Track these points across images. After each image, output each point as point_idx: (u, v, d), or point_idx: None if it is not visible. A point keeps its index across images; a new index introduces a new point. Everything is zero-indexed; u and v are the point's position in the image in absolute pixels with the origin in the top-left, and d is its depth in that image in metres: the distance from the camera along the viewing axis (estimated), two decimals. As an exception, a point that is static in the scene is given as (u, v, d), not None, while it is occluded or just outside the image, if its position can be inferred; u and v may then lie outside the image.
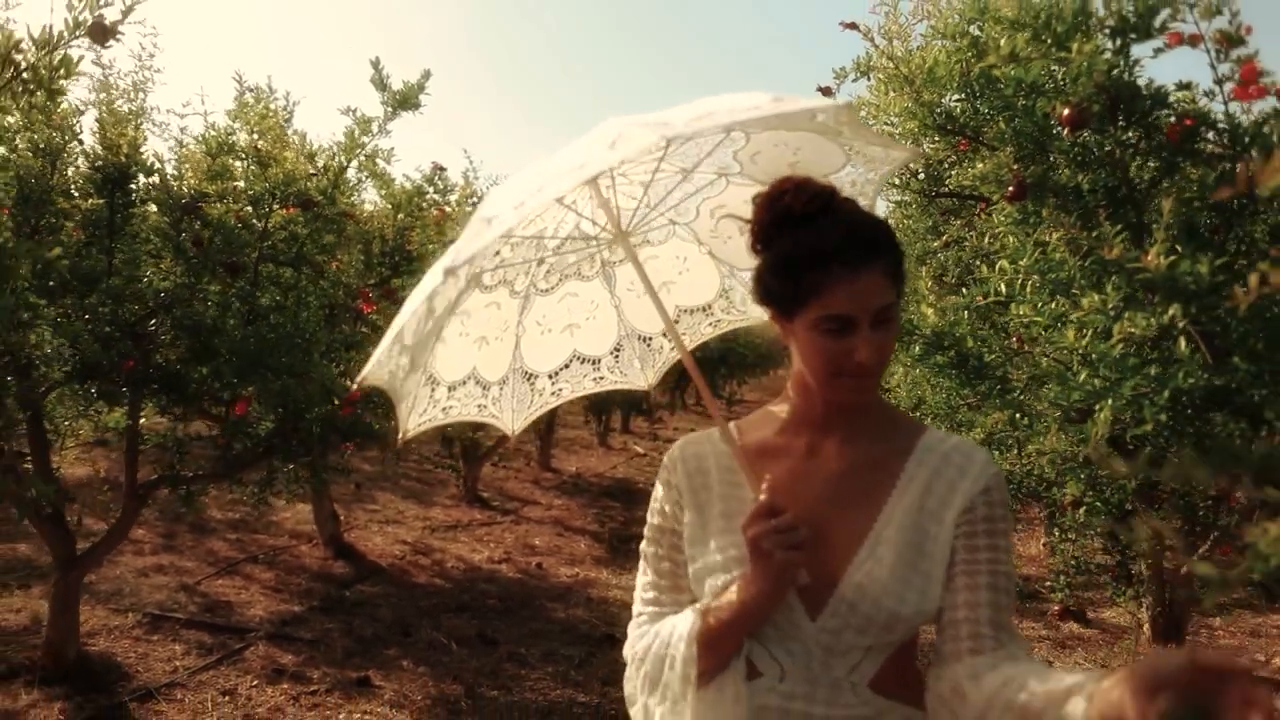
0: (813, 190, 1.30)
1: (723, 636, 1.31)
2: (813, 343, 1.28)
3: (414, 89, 3.89)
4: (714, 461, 1.44)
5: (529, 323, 1.80)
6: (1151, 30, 2.06)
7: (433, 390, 1.78)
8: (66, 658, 4.06)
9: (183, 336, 3.25)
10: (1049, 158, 2.32)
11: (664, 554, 1.45)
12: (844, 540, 1.31)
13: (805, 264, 1.25)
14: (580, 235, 1.74)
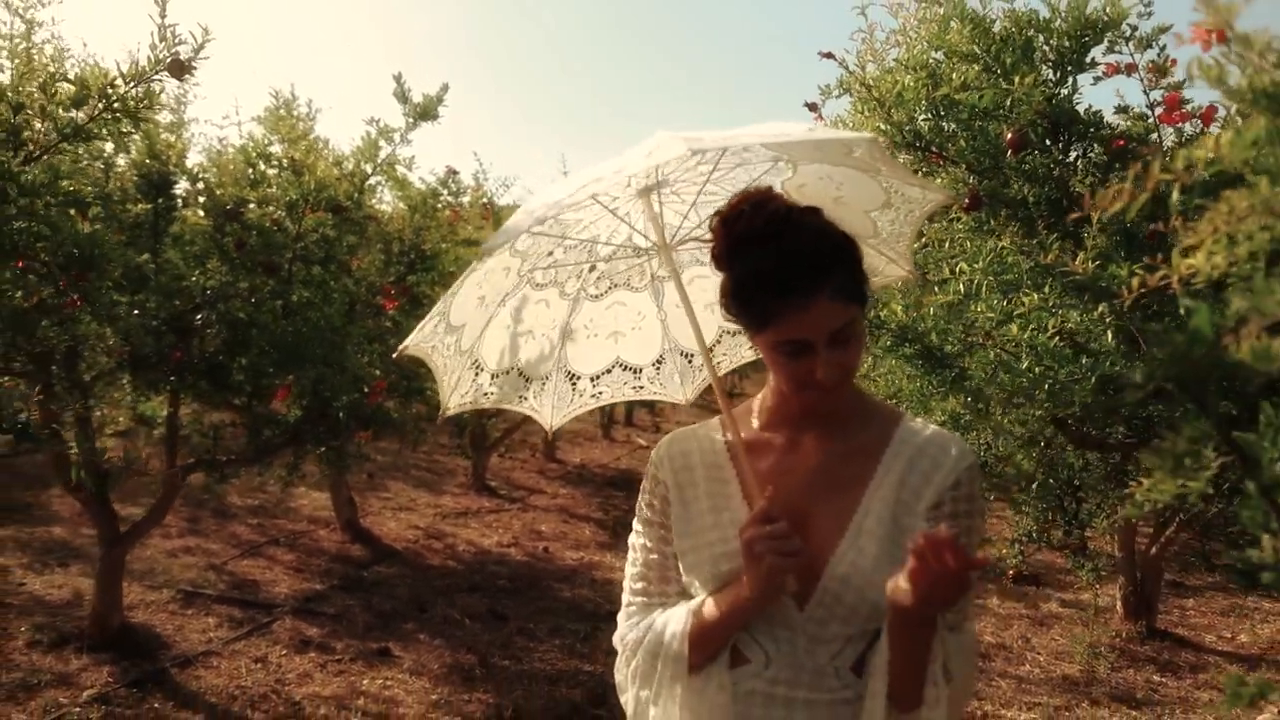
0: (769, 211, 1.30)
1: (713, 635, 1.36)
2: (773, 362, 1.35)
3: (433, 101, 4.21)
4: (699, 458, 1.48)
5: (577, 325, 1.85)
6: (1084, 64, 2.38)
7: (476, 374, 1.83)
8: (111, 627, 4.39)
9: (225, 330, 3.57)
10: (1001, 173, 2.63)
11: (652, 546, 1.49)
12: (826, 532, 1.35)
13: (759, 292, 1.28)
14: (632, 246, 1.78)
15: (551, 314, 1.83)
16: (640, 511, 1.52)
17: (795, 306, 1.24)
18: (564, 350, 1.85)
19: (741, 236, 1.30)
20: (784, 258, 1.25)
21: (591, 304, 1.84)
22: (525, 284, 1.79)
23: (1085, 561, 3.62)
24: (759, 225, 1.28)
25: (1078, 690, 4.55)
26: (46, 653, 4.25)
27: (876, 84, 2.88)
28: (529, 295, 1.80)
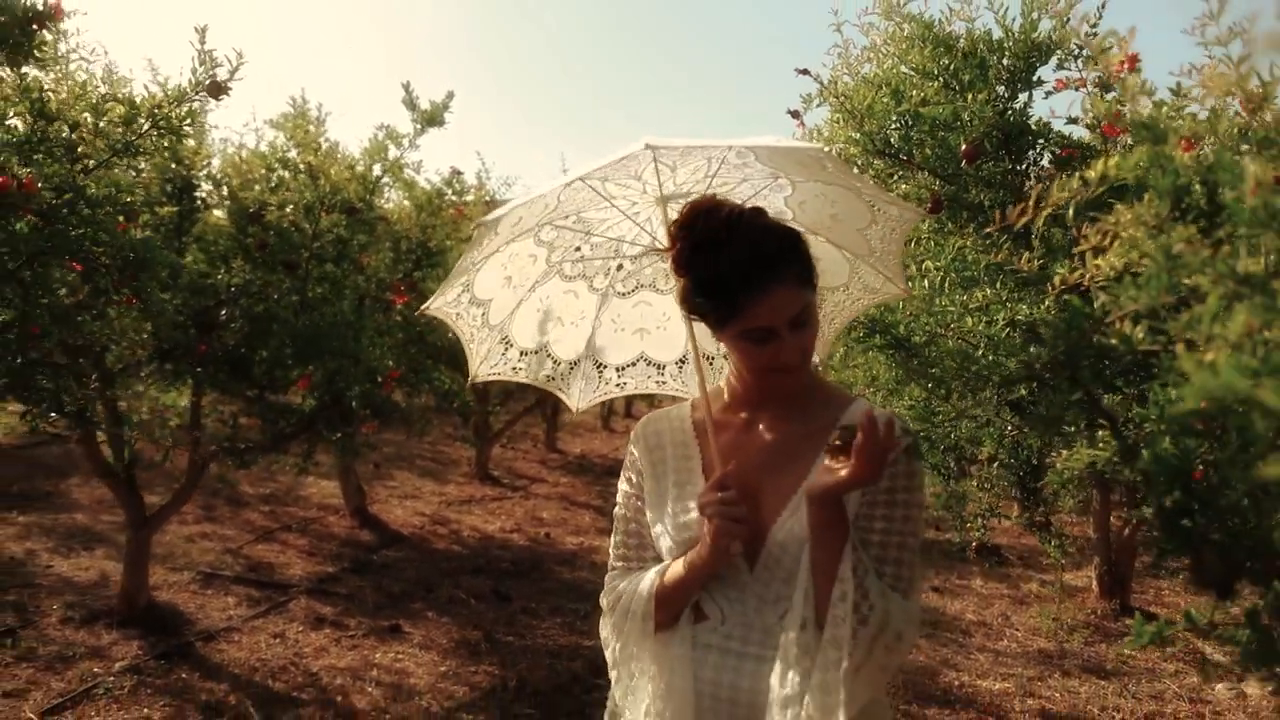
0: (722, 214, 1.43)
1: (674, 594, 1.49)
2: (741, 350, 1.47)
3: (439, 108, 4.46)
4: (669, 437, 1.63)
5: (605, 318, 1.96)
6: (1031, 83, 2.64)
7: (506, 349, 1.97)
8: (138, 605, 4.65)
9: (248, 324, 3.82)
10: (961, 179, 2.88)
11: (630, 517, 1.64)
12: (772, 502, 1.48)
13: (722, 288, 1.41)
14: (656, 250, 1.85)
15: (580, 305, 1.95)
16: (621, 487, 1.67)
17: (758, 298, 1.38)
18: (593, 339, 1.98)
19: (701, 240, 1.42)
20: (744, 254, 1.39)
21: (619, 300, 1.96)
22: (555, 274, 1.92)
23: (1051, 538, 3.87)
24: (716, 227, 1.42)
25: (1051, 662, 4.82)
26: (78, 628, 4.52)
27: (850, 97, 3.14)
28: (559, 285, 1.93)
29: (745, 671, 1.44)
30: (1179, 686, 4.46)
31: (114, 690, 3.88)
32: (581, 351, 1.99)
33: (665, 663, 1.49)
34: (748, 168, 1.70)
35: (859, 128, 3.15)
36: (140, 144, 2.48)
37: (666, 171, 1.69)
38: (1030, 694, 4.37)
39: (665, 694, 1.47)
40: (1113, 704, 4.26)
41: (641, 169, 1.66)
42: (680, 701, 1.45)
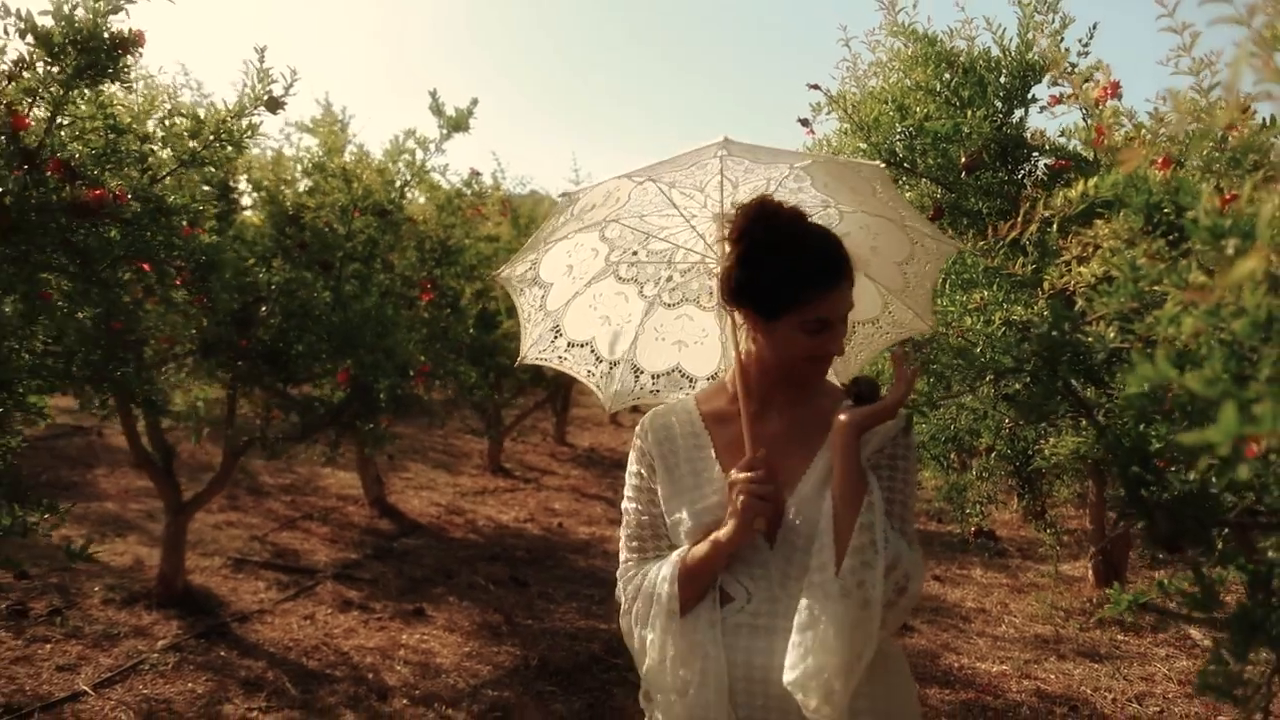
0: (788, 213, 1.58)
1: (698, 574, 1.55)
2: (793, 339, 1.56)
3: (464, 114, 4.67)
4: (679, 429, 1.70)
5: (649, 326, 2.03)
6: (1026, 100, 2.85)
7: (555, 337, 2.04)
8: (176, 588, 4.88)
9: (286, 320, 4.04)
10: (961, 188, 3.09)
11: (643, 509, 1.68)
12: (788, 482, 1.58)
13: (795, 279, 1.53)
14: (706, 266, 1.95)
15: (629, 308, 2.03)
16: (630, 481, 1.71)
17: (824, 293, 1.52)
18: (636, 344, 2.05)
19: (777, 234, 1.54)
20: (820, 251, 1.54)
21: (664, 310, 2.03)
22: (610, 273, 1.99)
23: (1046, 526, 4.08)
24: (784, 225, 1.56)
25: (1047, 647, 5.03)
26: (119, 609, 4.75)
27: (857, 109, 3.35)
28: (612, 285, 2.00)
29: (776, 649, 1.50)
30: (1169, 670, 4.67)
31: (159, 666, 4.11)
32: (624, 354, 2.06)
33: (697, 647, 1.53)
34: (802, 193, 1.82)
35: (866, 139, 3.37)
36: (205, 155, 2.70)
37: (729, 187, 1.78)
38: (1026, 675, 4.58)
39: (700, 679, 1.51)
40: (1105, 685, 4.47)
41: (707, 181, 1.77)
42: (716, 685, 1.50)
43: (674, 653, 1.54)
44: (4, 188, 2.05)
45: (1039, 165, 3.02)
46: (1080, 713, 4.13)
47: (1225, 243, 1.21)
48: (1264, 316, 1.00)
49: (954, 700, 4.24)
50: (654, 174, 1.72)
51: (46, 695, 3.74)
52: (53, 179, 2.16)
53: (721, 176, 1.72)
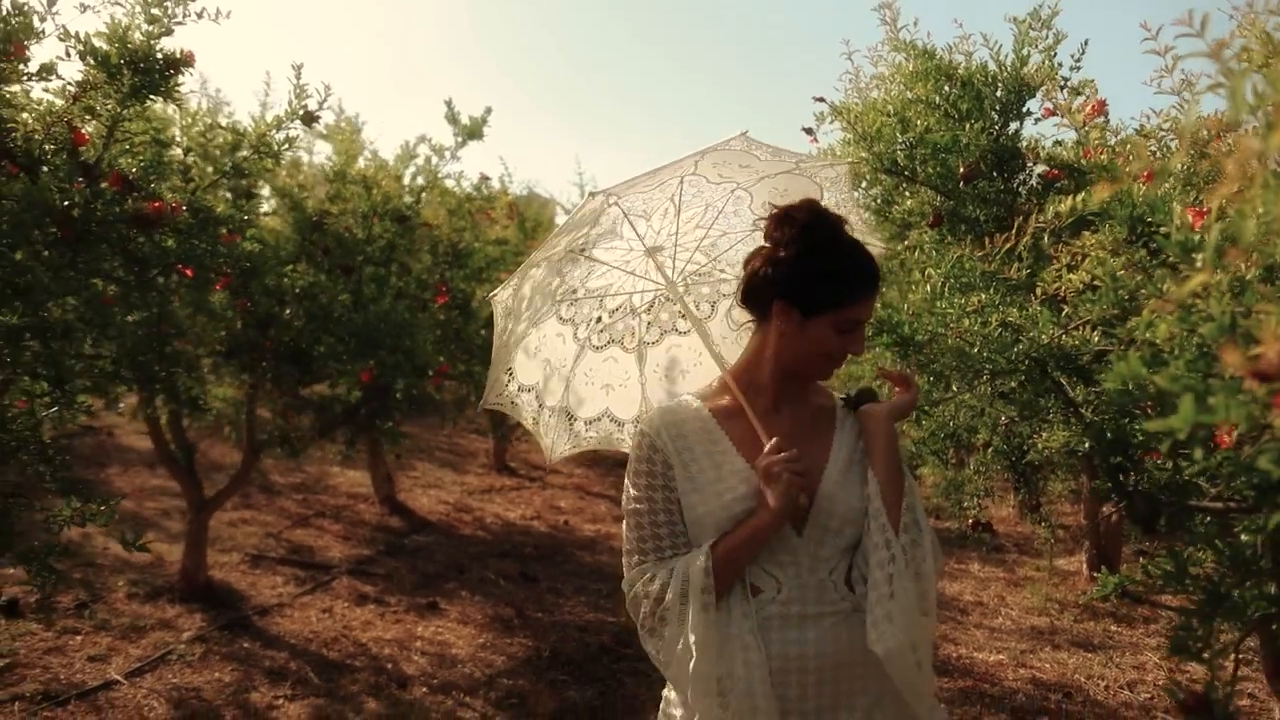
0: (834, 219, 1.64)
1: (735, 560, 1.56)
2: (825, 336, 1.62)
3: (479, 123, 4.83)
4: (690, 426, 1.69)
5: (579, 370, 2.05)
6: (1021, 113, 3.01)
7: (509, 381, 2.05)
8: (198, 582, 5.03)
9: (309, 322, 4.18)
10: (959, 196, 3.25)
11: (660, 509, 1.66)
12: (812, 468, 1.62)
13: (845, 284, 1.59)
14: (630, 309, 2.02)
15: (564, 351, 2.05)
16: (638, 481, 1.68)
17: (865, 296, 1.61)
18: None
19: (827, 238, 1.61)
20: (863, 258, 1.63)
21: (593, 354, 2.06)
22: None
23: (1041, 520, 4.24)
24: (835, 230, 1.63)
25: (1042, 638, 5.19)
26: (144, 603, 4.90)
27: (860, 119, 3.51)
28: (554, 325, 2.03)
29: (809, 637, 1.55)
30: (1160, 659, 4.82)
31: (186, 656, 4.26)
32: (558, 400, 2.08)
33: (734, 640, 1.55)
34: (704, 194, 1.92)
35: (869, 149, 3.52)
36: (246, 166, 2.85)
37: (641, 223, 1.90)
38: (1022, 665, 4.74)
39: (745, 672, 1.53)
40: (1098, 674, 4.63)
41: (617, 225, 1.88)
42: (759, 673, 1.53)
43: (712, 649, 1.54)
44: (69, 200, 2.20)
45: (1033, 174, 3.18)
46: (1074, 699, 4.29)
47: (1194, 256, 1.36)
48: (1228, 321, 1.15)
49: (953, 688, 4.39)
50: (622, 198, 1.81)
51: (81, 684, 3.89)
52: (109, 191, 2.31)
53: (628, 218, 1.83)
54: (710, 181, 1.90)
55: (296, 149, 3.54)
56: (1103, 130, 3.08)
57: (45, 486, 2.52)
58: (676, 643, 1.57)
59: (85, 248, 2.20)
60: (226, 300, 3.07)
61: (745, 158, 1.83)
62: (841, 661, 1.57)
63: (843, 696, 1.58)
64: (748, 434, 1.66)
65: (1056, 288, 2.24)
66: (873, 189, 3.87)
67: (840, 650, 1.57)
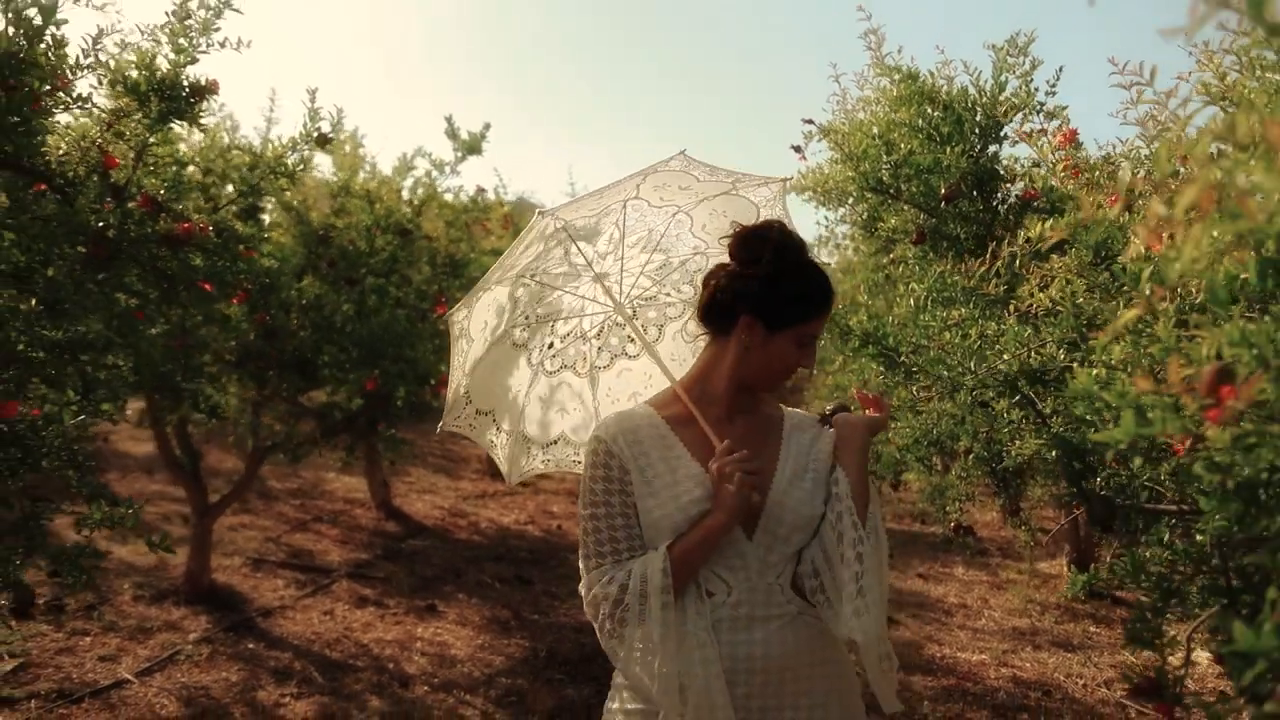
0: (800, 241, 1.73)
1: (691, 560, 1.61)
2: (786, 350, 1.70)
3: (477, 138, 4.98)
4: (645, 433, 1.72)
5: (534, 395, 2.08)
6: (1000, 137, 3.18)
7: (467, 404, 2.07)
8: (202, 585, 5.15)
9: (315, 332, 4.32)
10: (941, 215, 3.41)
11: (616, 513, 1.68)
12: (762, 476, 1.67)
13: (810, 301, 1.68)
14: (580, 334, 2.07)
15: (519, 376, 2.08)
16: (594, 487, 1.69)
17: (823, 312, 1.71)
18: (524, 415, 2.09)
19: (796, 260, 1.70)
20: (824, 278, 1.72)
21: (546, 378, 2.10)
22: (507, 337, 2.05)
23: (1021, 524, 4.40)
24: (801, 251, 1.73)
25: (1024, 638, 5.35)
26: (149, 605, 5.02)
27: (847, 140, 3.67)
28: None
29: (757, 639, 1.62)
30: (1137, 658, 4.99)
31: (194, 656, 4.39)
32: (513, 423, 2.12)
33: (691, 637, 1.60)
34: (646, 218, 1.99)
35: (855, 168, 3.68)
36: (264, 186, 2.99)
37: (589, 249, 1.98)
38: (1004, 664, 4.90)
39: (701, 665, 1.57)
40: (1077, 672, 4.80)
41: (566, 250, 1.96)
42: (715, 669, 1.58)
43: (672, 646, 1.58)
44: (103, 221, 2.33)
45: (1011, 194, 3.34)
46: (1053, 696, 4.45)
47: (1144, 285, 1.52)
48: (1174, 342, 1.31)
49: (936, 686, 4.55)
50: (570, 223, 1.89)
51: (93, 682, 4.01)
52: (137, 211, 2.45)
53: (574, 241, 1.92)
54: (652, 205, 1.97)
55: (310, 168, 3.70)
56: (1073, 157, 3.24)
57: (74, 490, 2.65)
58: (637, 642, 1.60)
59: (117, 266, 2.34)
60: (242, 313, 3.20)
61: (684, 178, 1.90)
62: (787, 664, 1.64)
63: (788, 696, 1.64)
64: (700, 440, 1.71)
65: (1028, 305, 2.40)
66: (859, 206, 4.04)
67: (786, 652, 1.64)
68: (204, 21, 2.58)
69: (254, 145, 3.20)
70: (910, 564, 7.00)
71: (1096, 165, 2.60)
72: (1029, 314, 2.46)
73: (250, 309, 3.09)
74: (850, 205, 4.11)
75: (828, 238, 6.29)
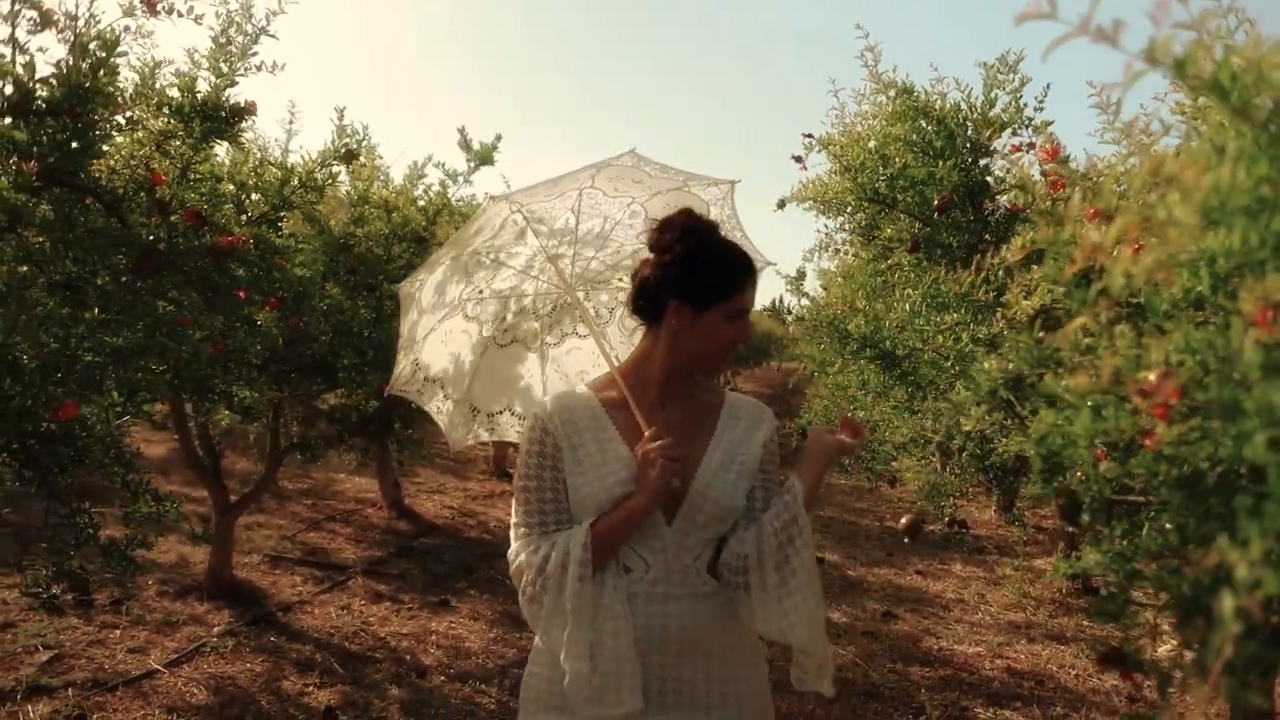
0: (708, 222, 1.78)
1: (611, 539, 1.68)
2: (717, 327, 1.74)
3: (489, 149, 5.16)
4: (581, 414, 1.79)
5: (484, 366, 2.15)
6: (989, 152, 3.36)
7: (415, 370, 2.15)
8: (224, 581, 5.33)
9: (335, 337, 4.50)
10: (935, 224, 3.59)
11: (547, 487, 1.76)
12: (689, 462, 1.74)
13: (730, 276, 1.73)
14: (533, 311, 2.13)
15: (469, 346, 2.16)
16: (529, 461, 1.77)
17: (748, 285, 1.75)
18: (472, 384, 2.16)
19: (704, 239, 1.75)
20: (739, 253, 1.77)
21: (498, 351, 2.16)
22: (460, 309, 2.12)
23: (1014, 519, 4.58)
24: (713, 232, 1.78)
25: (1019, 632, 5.53)
26: (173, 600, 5.20)
27: (845, 152, 3.85)
28: (460, 322, 2.14)
29: (671, 612, 1.71)
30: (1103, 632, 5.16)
31: (219, 648, 4.57)
32: (464, 393, 2.20)
33: (605, 609, 1.68)
34: (601, 206, 2.07)
35: (854, 180, 3.87)
36: (295, 199, 3.17)
37: (544, 231, 2.04)
38: (999, 656, 5.07)
39: (611, 635, 1.66)
40: (1069, 664, 4.97)
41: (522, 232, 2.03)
42: (625, 640, 1.66)
43: (585, 616, 1.66)
44: (153, 235, 2.51)
45: (1001, 205, 3.52)
46: (1045, 686, 4.62)
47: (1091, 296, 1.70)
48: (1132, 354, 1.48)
49: (934, 676, 4.72)
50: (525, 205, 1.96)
51: (125, 672, 4.18)
52: (181, 224, 2.63)
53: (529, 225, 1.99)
54: (607, 195, 2.03)
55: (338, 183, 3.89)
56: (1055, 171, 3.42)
57: (122, 486, 2.83)
58: (554, 610, 1.68)
59: (165, 277, 2.52)
60: (271, 319, 3.37)
61: (637, 173, 1.96)
62: (700, 636, 1.73)
63: (700, 668, 1.73)
64: (632, 425, 1.77)
65: (1013, 312, 2.57)
66: (857, 215, 4.22)
67: (699, 625, 1.72)
68: (241, 47, 2.77)
69: (284, 160, 3.37)
70: (909, 561, 7.18)
71: (1076, 180, 2.77)
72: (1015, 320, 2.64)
73: (283, 316, 3.26)
74: (849, 214, 4.29)
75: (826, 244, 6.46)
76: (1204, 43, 1.17)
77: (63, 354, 2.28)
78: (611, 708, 1.67)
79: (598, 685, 1.66)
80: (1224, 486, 1.36)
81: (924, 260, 3.53)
